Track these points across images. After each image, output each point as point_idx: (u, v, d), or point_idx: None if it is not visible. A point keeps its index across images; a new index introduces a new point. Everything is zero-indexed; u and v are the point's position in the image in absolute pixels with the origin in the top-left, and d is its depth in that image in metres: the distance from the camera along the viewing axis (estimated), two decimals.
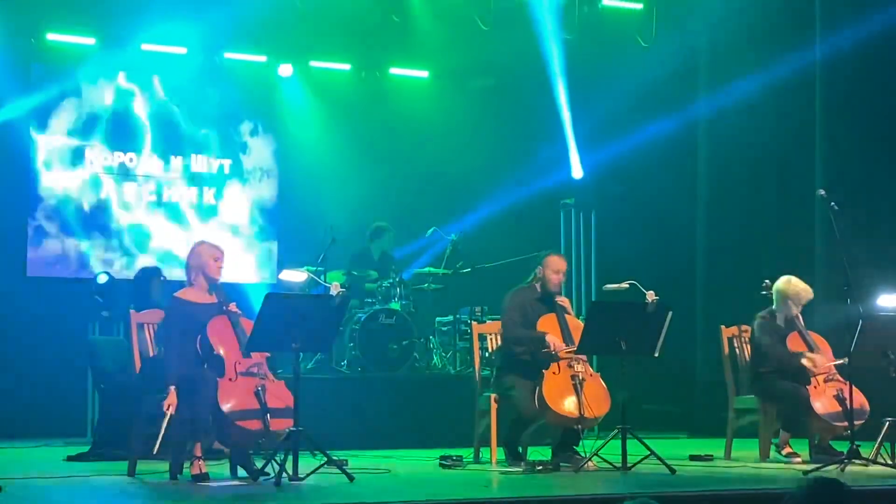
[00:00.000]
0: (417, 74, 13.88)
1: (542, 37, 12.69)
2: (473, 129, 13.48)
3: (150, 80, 12.79)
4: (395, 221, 12.57)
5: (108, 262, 12.35)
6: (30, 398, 11.50)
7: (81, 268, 12.37)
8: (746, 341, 9.37)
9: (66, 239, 12.38)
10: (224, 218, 13.03)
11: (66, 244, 12.39)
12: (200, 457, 7.40)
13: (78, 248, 12.42)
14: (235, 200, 13.10)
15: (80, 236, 12.42)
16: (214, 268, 7.77)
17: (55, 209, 12.36)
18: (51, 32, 12.19)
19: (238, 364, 7.54)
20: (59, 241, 12.35)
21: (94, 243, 12.47)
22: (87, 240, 12.44)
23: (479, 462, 8.84)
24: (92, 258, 12.41)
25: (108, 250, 12.51)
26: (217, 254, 7.81)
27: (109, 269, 11.86)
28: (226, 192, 13.06)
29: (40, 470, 8.32)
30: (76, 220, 12.43)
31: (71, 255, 12.39)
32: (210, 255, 7.79)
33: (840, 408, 8.63)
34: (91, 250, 12.44)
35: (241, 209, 13.12)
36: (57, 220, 12.36)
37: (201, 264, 7.78)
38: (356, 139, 13.27)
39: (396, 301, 11.43)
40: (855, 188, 11.02)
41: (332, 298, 7.65)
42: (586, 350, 8.45)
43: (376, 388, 10.78)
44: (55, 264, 12.33)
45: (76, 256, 12.41)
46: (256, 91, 13.15)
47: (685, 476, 7.85)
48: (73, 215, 12.41)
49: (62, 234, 12.36)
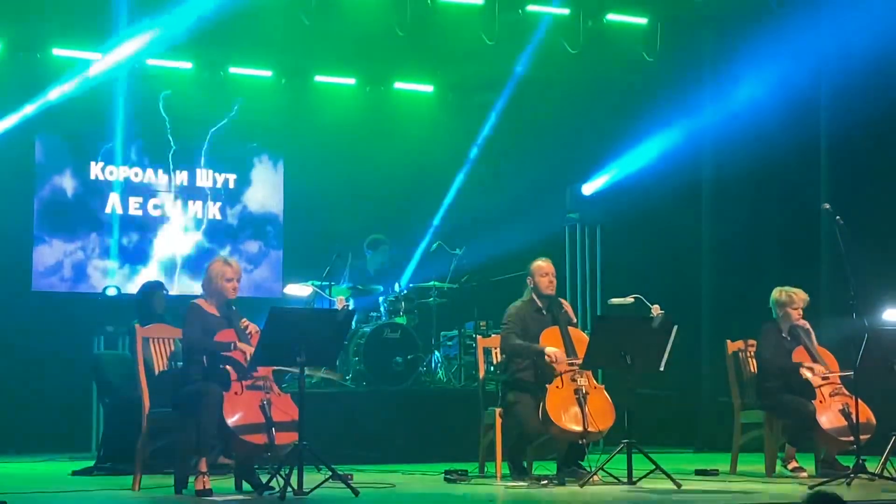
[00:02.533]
0: (422, 89, 13.90)
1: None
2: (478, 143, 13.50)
3: (155, 95, 12.81)
4: (398, 235, 12.58)
5: (113, 276, 12.36)
6: (35, 413, 11.51)
7: (86, 282, 12.38)
8: (752, 356, 9.35)
9: (72, 253, 12.39)
10: (229, 231, 13.04)
11: (71, 258, 12.40)
12: (206, 472, 7.39)
13: (83, 262, 12.43)
14: (240, 214, 13.11)
15: (85, 250, 12.43)
16: (228, 288, 7.80)
17: (61, 223, 12.37)
18: (56, 48, 12.23)
19: (243, 379, 7.53)
20: (64, 256, 12.36)
21: (100, 257, 12.48)
22: (92, 254, 12.45)
23: (484, 476, 8.82)
24: (97, 272, 12.42)
25: (112, 264, 12.52)
26: (230, 274, 7.81)
27: (114, 282, 11.88)
28: (231, 205, 13.08)
29: (45, 485, 8.32)
30: (82, 235, 12.44)
31: (76, 269, 12.40)
32: (223, 276, 7.79)
33: (846, 422, 8.60)
34: (96, 264, 12.45)
35: (247, 223, 13.14)
36: (62, 235, 12.37)
37: (215, 286, 7.79)
38: (360, 153, 13.27)
39: (402, 315, 11.43)
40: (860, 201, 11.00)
41: (337, 313, 7.65)
42: (591, 365, 8.43)
43: (381, 403, 10.77)
44: (60, 278, 12.34)
45: (81, 270, 12.42)
46: (261, 105, 13.15)
47: (691, 491, 7.83)
48: (78, 229, 12.43)
49: (67, 249, 12.37)
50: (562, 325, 8.61)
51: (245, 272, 12.72)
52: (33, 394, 11.61)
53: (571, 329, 8.69)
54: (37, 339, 11.72)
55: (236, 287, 7.83)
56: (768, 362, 9.01)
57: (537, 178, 13.47)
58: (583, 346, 8.39)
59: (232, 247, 12.93)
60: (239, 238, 13.11)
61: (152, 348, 8.08)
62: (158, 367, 8.04)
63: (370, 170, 13.26)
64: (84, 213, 12.47)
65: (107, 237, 12.56)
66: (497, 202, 13.41)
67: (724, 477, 8.86)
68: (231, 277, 7.80)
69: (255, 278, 13.08)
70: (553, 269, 8.80)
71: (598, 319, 9.02)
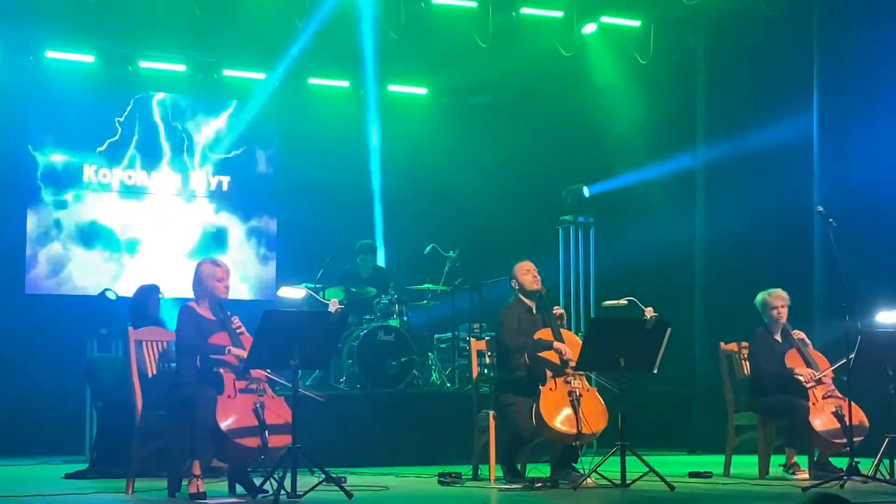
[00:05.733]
0: (416, 91, 13.90)
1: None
2: (472, 145, 13.51)
3: (149, 98, 12.83)
4: (392, 238, 12.58)
5: (108, 279, 12.35)
6: (28, 416, 11.50)
7: (80, 284, 12.37)
8: (745, 357, 9.36)
9: (65, 256, 12.39)
10: (222, 234, 13.04)
11: (65, 261, 12.40)
12: (199, 475, 7.37)
13: (77, 265, 12.42)
14: (232, 217, 13.11)
15: (79, 253, 12.42)
16: (220, 288, 7.77)
17: (54, 226, 12.37)
18: (50, 50, 12.22)
19: (237, 381, 7.53)
20: (57, 259, 12.36)
21: (94, 260, 12.48)
22: (86, 257, 12.44)
23: (477, 479, 8.81)
24: (91, 274, 12.41)
25: (107, 266, 12.52)
26: (220, 273, 7.78)
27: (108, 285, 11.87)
28: (224, 207, 13.08)
29: (39, 488, 8.29)
30: (76, 238, 12.44)
31: (70, 273, 12.39)
32: (213, 276, 7.77)
33: (839, 425, 8.61)
34: (90, 266, 12.45)
35: (238, 226, 13.14)
36: (56, 238, 12.37)
37: (206, 287, 7.77)
38: (354, 156, 13.27)
39: (395, 318, 11.43)
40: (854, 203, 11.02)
41: (331, 315, 7.64)
42: (585, 367, 8.43)
43: (375, 405, 10.76)
44: (54, 281, 12.34)
45: (75, 274, 12.42)
46: (255, 107, 13.15)
47: (684, 493, 7.83)
48: (72, 232, 12.43)
49: (61, 252, 12.37)
50: (553, 326, 8.60)
51: (240, 275, 12.79)
52: (27, 397, 11.60)
53: (564, 331, 8.68)
54: (30, 343, 11.71)
55: (227, 286, 7.81)
56: (764, 371, 9.02)
57: (530, 180, 13.49)
58: (576, 349, 8.39)
59: (226, 249, 12.91)
60: (233, 240, 13.10)
61: (146, 351, 8.07)
62: (152, 371, 8.03)
63: (364, 172, 13.26)
64: (79, 216, 12.46)
65: (101, 239, 12.54)
66: (490, 204, 13.42)
67: (717, 479, 8.86)
68: (221, 277, 7.77)
69: (248, 281, 13.08)
70: (534, 266, 8.78)
71: (592, 321, 9.01)
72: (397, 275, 12.24)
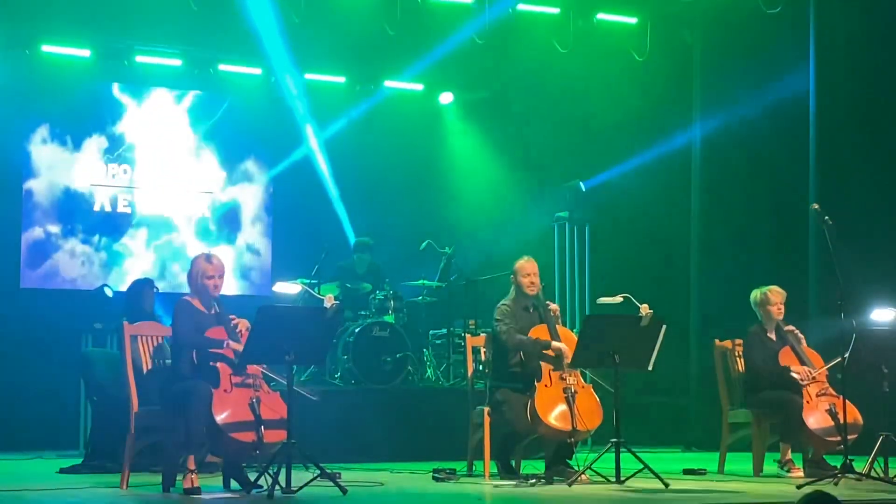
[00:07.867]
0: (412, 87, 13.89)
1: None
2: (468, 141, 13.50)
3: (144, 93, 12.81)
4: (388, 234, 12.58)
5: (102, 273, 12.35)
6: (23, 410, 11.47)
7: (75, 279, 12.36)
8: (740, 355, 9.37)
9: (61, 251, 12.38)
10: (219, 231, 13.04)
11: (61, 256, 12.38)
12: (193, 470, 7.38)
13: (72, 259, 12.41)
14: (229, 212, 13.11)
15: (74, 248, 12.41)
16: (210, 286, 7.75)
17: (49, 220, 12.35)
18: (46, 44, 12.20)
19: (233, 375, 7.53)
20: (53, 253, 12.35)
21: (89, 255, 12.46)
22: (81, 252, 12.43)
23: (472, 475, 8.82)
24: (86, 269, 12.40)
25: (101, 261, 12.51)
26: (211, 271, 7.76)
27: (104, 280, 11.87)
28: (220, 203, 13.08)
29: (33, 482, 8.30)
30: (71, 232, 12.43)
31: (65, 267, 12.38)
32: (204, 274, 7.75)
33: (833, 422, 8.62)
34: (85, 261, 12.44)
35: (234, 222, 13.13)
36: (51, 232, 12.35)
37: (197, 284, 7.77)
38: (350, 152, 13.27)
39: (390, 314, 11.42)
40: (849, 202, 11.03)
41: (326, 311, 7.64)
42: (580, 364, 8.44)
43: (370, 401, 10.76)
44: (49, 276, 12.32)
45: (70, 268, 12.41)
46: (251, 102, 13.14)
47: (679, 490, 7.84)
48: (67, 227, 12.42)
49: (57, 246, 12.36)
50: (549, 322, 8.61)
51: (236, 270, 12.79)
52: (21, 391, 11.58)
53: (560, 328, 8.69)
54: (25, 337, 11.69)
55: (217, 285, 7.77)
56: (759, 368, 9.03)
57: (526, 176, 13.49)
58: (571, 345, 8.39)
59: (221, 244, 12.90)
60: (228, 236, 13.10)
61: (140, 346, 8.06)
62: (147, 365, 8.03)
63: (360, 168, 13.25)
64: (73, 211, 12.45)
65: (95, 234, 12.53)
66: (486, 200, 13.42)
67: (712, 476, 8.88)
68: (212, 275, 7.74)
69: (244, 276, 13.07)
70: (536, 268, 8.76)
71: (587, 318, 9.01)
72: (392, 271, 12.24)
